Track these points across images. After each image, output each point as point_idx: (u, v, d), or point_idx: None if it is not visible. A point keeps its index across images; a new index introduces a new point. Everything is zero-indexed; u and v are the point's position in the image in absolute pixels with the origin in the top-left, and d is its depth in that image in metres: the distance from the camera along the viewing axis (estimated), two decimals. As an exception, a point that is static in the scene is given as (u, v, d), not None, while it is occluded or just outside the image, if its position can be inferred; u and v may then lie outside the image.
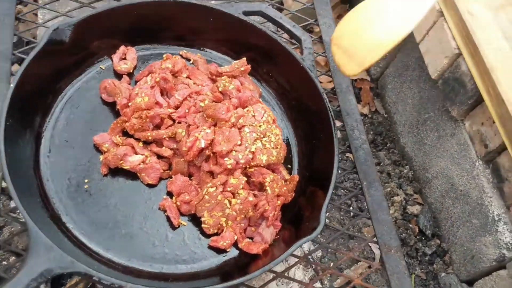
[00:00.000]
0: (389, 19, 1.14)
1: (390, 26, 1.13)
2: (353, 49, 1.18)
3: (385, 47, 1.13)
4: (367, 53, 1.15)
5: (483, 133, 1.61)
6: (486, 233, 1.63)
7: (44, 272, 0.99)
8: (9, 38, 1.34)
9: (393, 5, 1.15)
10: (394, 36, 1.12)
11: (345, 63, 1.20)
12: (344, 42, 1.20)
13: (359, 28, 1.19)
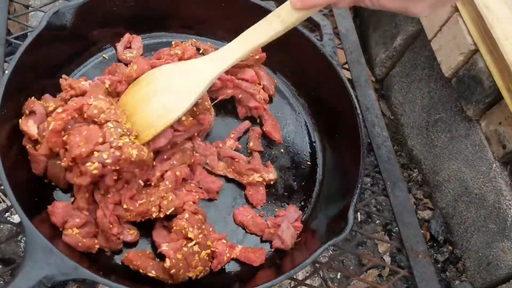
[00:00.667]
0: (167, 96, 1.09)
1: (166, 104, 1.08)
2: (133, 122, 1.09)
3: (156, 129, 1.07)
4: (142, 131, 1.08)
5: (501, 133, 1.54)
6: (504, 238, 1.56)
7: (44, 280, 0.88)
8: (3, 22, 1.24)
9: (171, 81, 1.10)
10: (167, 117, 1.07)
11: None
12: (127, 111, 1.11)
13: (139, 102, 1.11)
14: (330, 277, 1.66)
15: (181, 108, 1.07)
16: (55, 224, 1.01)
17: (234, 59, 1.06)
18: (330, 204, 1.16)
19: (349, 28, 1.50)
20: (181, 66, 1.12)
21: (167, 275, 1.02)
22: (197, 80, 1.08)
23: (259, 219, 1.14)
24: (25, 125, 1.06)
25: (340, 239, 1.00)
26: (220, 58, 1.08)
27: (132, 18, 1.28)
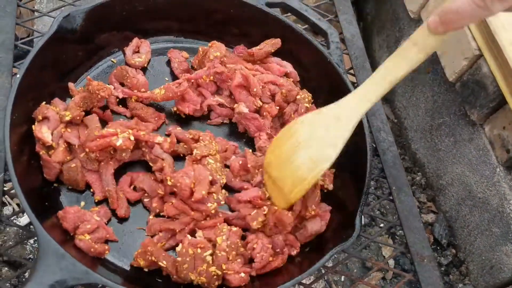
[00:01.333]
0: (312, 147, 1.05)
1: (312, 156, 1.04)
2: (279, 182, 1.08)
3: (308, 182, 1.05)
4: (292, 188, 1.06)
5: (505, 137, 1.55)
6: (508, 242, 1.56)
7: (56, 284, 0.89)
8: (11, 27, 1.24)
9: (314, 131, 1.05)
10: (316, 169, 1.03)
11: (275, 196, 1.11)
12: (273, 172, 1.10)
13: (284, 157, 1.08)
14: (334, 280, 1.67)
15: (330, 157, 1.02)
16: (67, 229, 1.02)
17: (376, 98, 1.01)
18: (337, 210, 1.16)
19: (355, 34, 1.51)
20: (321, 114, 1.06)
21: (174, 269, 1.02)
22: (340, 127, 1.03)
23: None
24: (39, 131, 1.07)
25: (347, 245, 1.01)
26: (362, 100, 1.02)
27: (140, 23, 1.28)
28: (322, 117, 1.06)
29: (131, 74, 1.21)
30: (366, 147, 1.14)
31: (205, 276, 1.01)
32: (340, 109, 1.04)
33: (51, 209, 1.06)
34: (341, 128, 1.03)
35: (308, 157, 1.04)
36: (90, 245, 1.01)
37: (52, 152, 1.08)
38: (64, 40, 1.13)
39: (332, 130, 1.03)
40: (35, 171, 1.07)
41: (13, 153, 0.98)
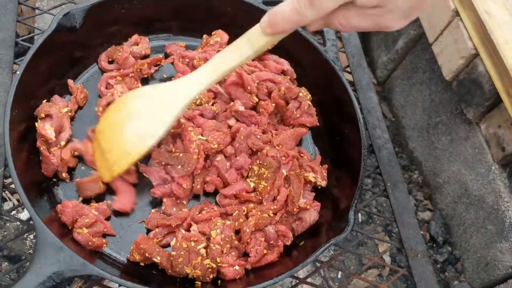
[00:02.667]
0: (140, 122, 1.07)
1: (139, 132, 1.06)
2: (107, 153, 1.09)
3: (132, 157, 1.06)
4: (117, 160, 1.07)
5: (500, 135, 1.56)
6: (503, 239, 1.58)
7: (54, 276, 0.90)
8: (12, 24, 1.25)
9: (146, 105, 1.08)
10: (141, 145, 1.05)
11: (101, 165, 1.11)
12: (102, 141, 1.10)
13: (114, 128, 1.09)
14: (331, 276, 1.68)
15: (155, 134, 1.05)
16: (65, 223, 1.04)
17: (207, 83, 1.05)
18: (332, 204, 1.18)
19: (351, 32, 1.52)
20: (154, 90, 1.10)
21: (169, 263, 1.04)
22: (171, 105, 1.06)
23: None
24: (43, 128, 1.09)
25: (341, 239, 1.02)
26: (194, 84, 1.06)
27: (140, 20, 1.30)
28: (156, 93, 1.09)
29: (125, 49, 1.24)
30: (361, 144, 1.15)
31: (200, 269, 1.03)
32: (174, 89, 1.08)
33: (49, 203, 1.07)
34: (171, 107, 1.06)
35: (135, 132, 1.06)
36: (88, 239, 1.03)
37: (54, 149, 1.10)
38: (64, 38, 1.14)
39: (162, 109, 1.06)
40: (35, 166, 1.09)
41: (13, 148, 1.00)
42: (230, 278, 1.05)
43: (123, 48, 1.25)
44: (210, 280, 1.05)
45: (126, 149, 1.06)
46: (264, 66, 1.30)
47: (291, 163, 1.19)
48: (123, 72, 1.24)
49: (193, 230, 1.08)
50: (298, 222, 1.15)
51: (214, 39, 1.29)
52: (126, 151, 1.06)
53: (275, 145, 1.20)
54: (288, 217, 1.15)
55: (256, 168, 1.16)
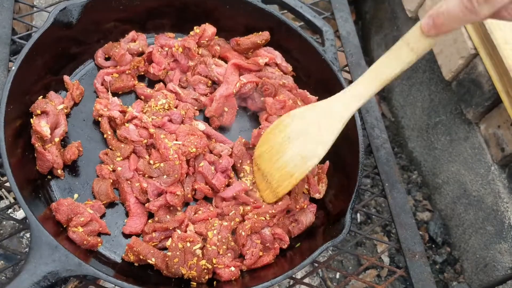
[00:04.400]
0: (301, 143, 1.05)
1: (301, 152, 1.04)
2: (269, 175, 1.09)
3: (296, 178, 1.06)
4: (280, 182, 1.07)
5: (499, 136, 1.55)
6: (502, 240, 1.57)
7: (49, 275, 0.90)
8: (8, 22, 1.24)
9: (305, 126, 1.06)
10: (304, 165, 1.04)
11: (263, 189, 1.12)
12: (262, 164, 1.11)
13: (274, 151, 1.09)
14: (329, 276, 1.67)
15: (318, 154, 1.03)
16: (60, 221, 1.03)
17: (367, 96, 1.01)
18: (329, 206, 1.17)
19: (350, 31, 1.51)
20: (315, 109, 1.07)
21: (164, 264, 1.03)
22: (331, 123, 1.03)
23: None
24: (38, 125, 1.08)
25: (338, 241, 1.02)
26: (353, 97, 1.02)
27: (138, 18, 1.29)
28: (313, 113, 1.06)
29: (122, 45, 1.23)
30: (359, 144, 1.14)
31: (195, 270, 1.02)
32: (331, 106, 1.04)
33: (44, 201, 1.06)
34: (332, 126, 1.03)
35: (297, 153, 1.05)
36: (83, 238, 1.02)
37: (49, 146, 1.09)
38: (60, 33, 1.13)
39: (322, 127, 1.04)
40: (29, 163, 1.08)
41: (8, 145, 0.99)
42: (226, 279, 1.04)
43: (120, 44, 1.24)
44: (205, 281, 1.04)
45: (288, 171, 1.06)
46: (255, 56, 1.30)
47: None
48: (120, 69, 1.23)
49: (189, 231, 1.07)
50: (294, 224, 1.14)
51: (195, 30, 1.29)
52: (289, 172, 1.06)
53: None
54: (285, 219, 1.15)
55: (248, 168, 1.15)
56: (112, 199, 1.11)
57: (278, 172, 1.07)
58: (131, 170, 1.13)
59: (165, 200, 1.10)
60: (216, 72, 1.26)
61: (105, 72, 1.23)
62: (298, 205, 1.13)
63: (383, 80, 0.99)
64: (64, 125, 1.14)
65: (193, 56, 1.27)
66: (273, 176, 1.08)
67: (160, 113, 1.18)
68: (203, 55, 1.29)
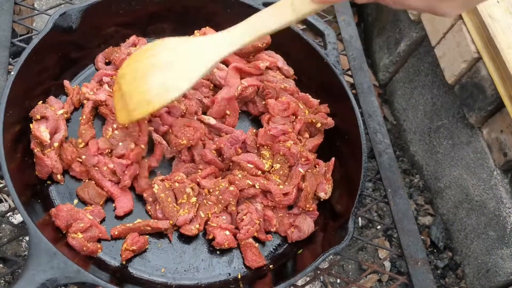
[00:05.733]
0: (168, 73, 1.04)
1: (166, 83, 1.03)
2: (127, 97, 1.07)
3: (153, 107, 1.04)
4: (137, 105, 1.05)
5: (502, 141, 1.54)
6: (504, 245, 1.56)
7: (47, 283, 0.89)
8: (8, 25, 1.24)
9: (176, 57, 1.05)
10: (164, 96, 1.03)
11: (119, 108, 1.10)
12: (124, 84, 1.09)
13: (139, 74, 1.07)
14: (330, 281, 1.66)
15: (180, 89, 1.03)
16: (59, 227, 1.02)
17: (241, 43, 1.01)
18: (331, 212, 1.16)
19: (353, 35, 1.50)
20: (187, 43, 1.07)
21: None
22: (202, 60, 1.03)
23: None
24: (38, 130, 1.07)
25: (340, 248, 1.01)
26: (227, 41, 1.02)
27: (138, 22, 1.28)
28: (187, 46, 1.06)
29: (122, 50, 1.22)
30: (362, 149, 1.14)
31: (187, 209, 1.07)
32: (205, 45, 1.04)
33: (43, 207, 1.06)
34: (201, 63, 1.03)
35: (161, 82, 1.04)
36: (82, 244, 1.01)
37: (48, 151, 1.08)
38: (60, 38, 1.13)
39: (190, 63, 1.04)
40: (29, 168, 1.07)
41: (7, 150, 0.98)
42: (219, 242, 1.08)
43: (121, 49, 1.23)
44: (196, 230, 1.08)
45: (148, 98, 1.04)
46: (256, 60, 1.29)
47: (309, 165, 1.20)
48: None
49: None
50: (293, 230, 1.14)
51: (196, 35, 1.28)
52: (148, 100, 1.04)
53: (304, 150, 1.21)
54: (284, 217, 1.14)
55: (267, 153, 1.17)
56: (106, 194, 1.11)
57: (138, 96, 1.05)
58: (93, 155, 1.12)
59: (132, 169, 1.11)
60: (218, 76, 1.26)
61: (104, 73, 1.22)
62: (308, 204, 1.13)
63: (259, 32, 1.00)
64: (64, 130, 1.13)
65: None
66: (131, 99, 1.06)
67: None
68: None
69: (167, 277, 1.07)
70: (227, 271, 1.11)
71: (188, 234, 1.08)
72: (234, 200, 1.11)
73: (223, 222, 1.10)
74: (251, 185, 1.12)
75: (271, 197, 1.14)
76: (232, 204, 1.11)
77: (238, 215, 1.12)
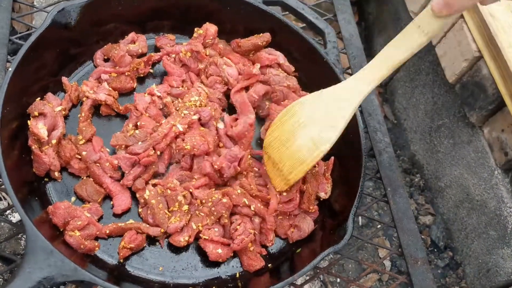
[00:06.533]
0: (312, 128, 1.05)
1: (313, 137, 1.04)
2: (279, 163, 1.09)
3: (307, 164, 1.05)
4: (291, 169, 1.06)
5: (503, 140, 1.53)
6: (504, 245, 1.55)
7: (44, 281, 0.88)
8: (6, 22, 1.23)
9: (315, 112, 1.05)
10: (316, 151, 1.03)
11: (274, 177, 1.11)
12: (272, 153, 1.10)
13: (284, 138, 1.08)
14: (330, 280, 1.66)
15: (330, 140, 1.02)
16: (56, 225, 1.01)
17: (377, 80, 1.01)
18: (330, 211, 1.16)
19: (353, 33, 1.49)
20: (322, 95, 1.06)
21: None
22: (343, 108, 1.02)
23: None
24: (35, 127, 1.06)
25: (339, 247, 1.00)
26: (363, 81, 1.01)
27: (137, 18, 1.27)
28: (322, 98, 1.06)
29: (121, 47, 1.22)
30: (361, 148, 1.13)
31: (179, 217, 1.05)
32: (341, 91, 1.04)
33: (41, 204, 1.05)
34: (342, 110, 1.02)
35: (308, 138, 1.04)
36: (80, 242, 1.01)
37: (46, 148, 1.08)
38: (59, 34, 1.12)
39: (333, 112, 1.03)
40: (26, 165, 1.06)
41: (4, 147, 0.97)
42: (212, 258, 1.06)
43: (120, 46, 1.22)
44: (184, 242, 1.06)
45: (300, 157, 1.05)
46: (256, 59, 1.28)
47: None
48: (119, 70, 1.21)
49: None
50: (293, 230, 1.13)
51: (198, 32, 1.27)
52: (300, 159, 1.05)
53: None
54: (284, 220, 1.13)
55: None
56: (104, 192, 1.11)
57: (289, 159, 1.06)
58: (96, 152, 1.12)
59: (139, 170, 1.10)
60: (227, 73, 1.25)
61: (103, 70, 1.21)
62: (312, 205, 1.13)
63: (393, 63, 0.98)
64: (62, 127, 1.12)
65: (203, 58, 1.26)
66: (284, 163, 1.07)
67: (192, 109, 1.17)
68: (211, 56, 1.28)
69: (165, 276, 1.06)
70: (225, 269, 1.10)
71: (177, 245, 1.07)
72: (226, 213, 1.09)
73: (215, 235, 1.08)
74: (246, 204, 1.11)
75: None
76: (225, 216, 1.09)
77: (232, 225, 1.10)
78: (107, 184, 1.10)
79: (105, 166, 1.11)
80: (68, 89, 1.18)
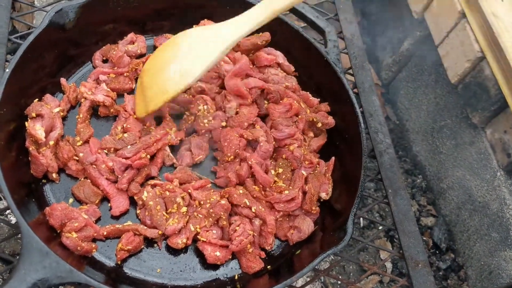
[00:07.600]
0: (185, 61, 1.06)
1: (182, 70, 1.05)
2: (147, 89, 1.09)
3: (168, 96, 1.06)
4: (154, 97, 1.07)
5: (506, 141, 1.52)
6: (507, 247, 1.54)
7: (39, 282, 0.87)
8: (5, 21, 1.22)
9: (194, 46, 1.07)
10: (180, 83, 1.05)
11: (138, 101, 1.12)
12: (146, 78, 1.11)
13: (159, 67, 1.10)
14: (331, 282, 1.65)
15: (195, 73, 1.04)
16: (53, 226, 1.01)
17: (255, 23, 1.03)
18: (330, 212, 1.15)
19: (354, 33, 1.49)
20: (207, 29, 1.09)
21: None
22: (215, 45, 1.04)
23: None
24: (33, 128, 1.06)
25: (339, 249, 0.99)
26: (242, 23, 1.04)
27: (136, 19, 1.27)
28: (203, 33, 1.08)
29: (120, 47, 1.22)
30: (362, 149, 1.12)
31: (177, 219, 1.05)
32: (220, 29, 1.07)
33: (38, 206, 1.05)
34: (216, 47, 1.05)
35: (178, 70, 1.06)
36: (77, 243, 1.00)
37: (43, 149, 1.07)
38: (57, 35, 1.12)
39: (208, 47, 1.05)
40: (24, 166, 1.06)
41: (1, 148, 0.98)
42: (210, 261, 1.05)
43: (118, 47, 1.22)
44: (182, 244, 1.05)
45: (164, 87, 1.06)
46: (256, 58, 1.27)
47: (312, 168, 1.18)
48: (117, 71, 1.21)
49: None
50: (293, 231, 1.12)
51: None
52: (164, 89, 1.06)
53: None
54: (284, 222, 1.12)
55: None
56: (102, 193, 1.10)
57: (156, 87, 1.07)
58: (93, 153, 1.11)
59: (132, 173, 1.10)
60: (225, 70, 1.24)
61: (101, 71, 1.20)
62: (314, 206, 1.12)
63: (273, 11, 1.02)
64: (60, 128, 1.11)
65: None
66: (150, 90, 1.08)
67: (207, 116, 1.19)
68: None
69: (163, 277, 1.06)
70: (224, 271, 1.09)
71: (174, 247, 1.06)
72: (225, 214, 1.08)
73: (213, 237, 1.07)
74: (247, 205, 1.10)
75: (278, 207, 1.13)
76: (223, 218, 1.08)
77: (231, 226, 1.10)
78: (104, 186, 1.10)
79: (101, 168, 1.10)
80: (66, 90, 1.17)
